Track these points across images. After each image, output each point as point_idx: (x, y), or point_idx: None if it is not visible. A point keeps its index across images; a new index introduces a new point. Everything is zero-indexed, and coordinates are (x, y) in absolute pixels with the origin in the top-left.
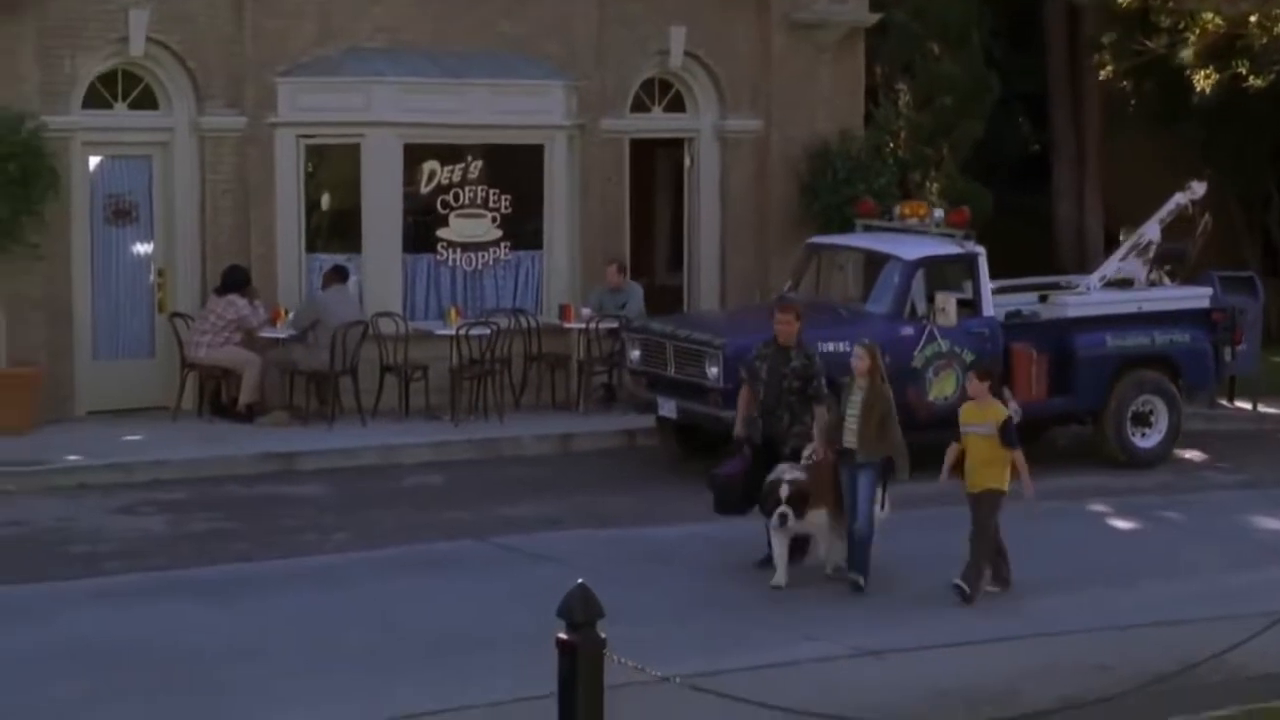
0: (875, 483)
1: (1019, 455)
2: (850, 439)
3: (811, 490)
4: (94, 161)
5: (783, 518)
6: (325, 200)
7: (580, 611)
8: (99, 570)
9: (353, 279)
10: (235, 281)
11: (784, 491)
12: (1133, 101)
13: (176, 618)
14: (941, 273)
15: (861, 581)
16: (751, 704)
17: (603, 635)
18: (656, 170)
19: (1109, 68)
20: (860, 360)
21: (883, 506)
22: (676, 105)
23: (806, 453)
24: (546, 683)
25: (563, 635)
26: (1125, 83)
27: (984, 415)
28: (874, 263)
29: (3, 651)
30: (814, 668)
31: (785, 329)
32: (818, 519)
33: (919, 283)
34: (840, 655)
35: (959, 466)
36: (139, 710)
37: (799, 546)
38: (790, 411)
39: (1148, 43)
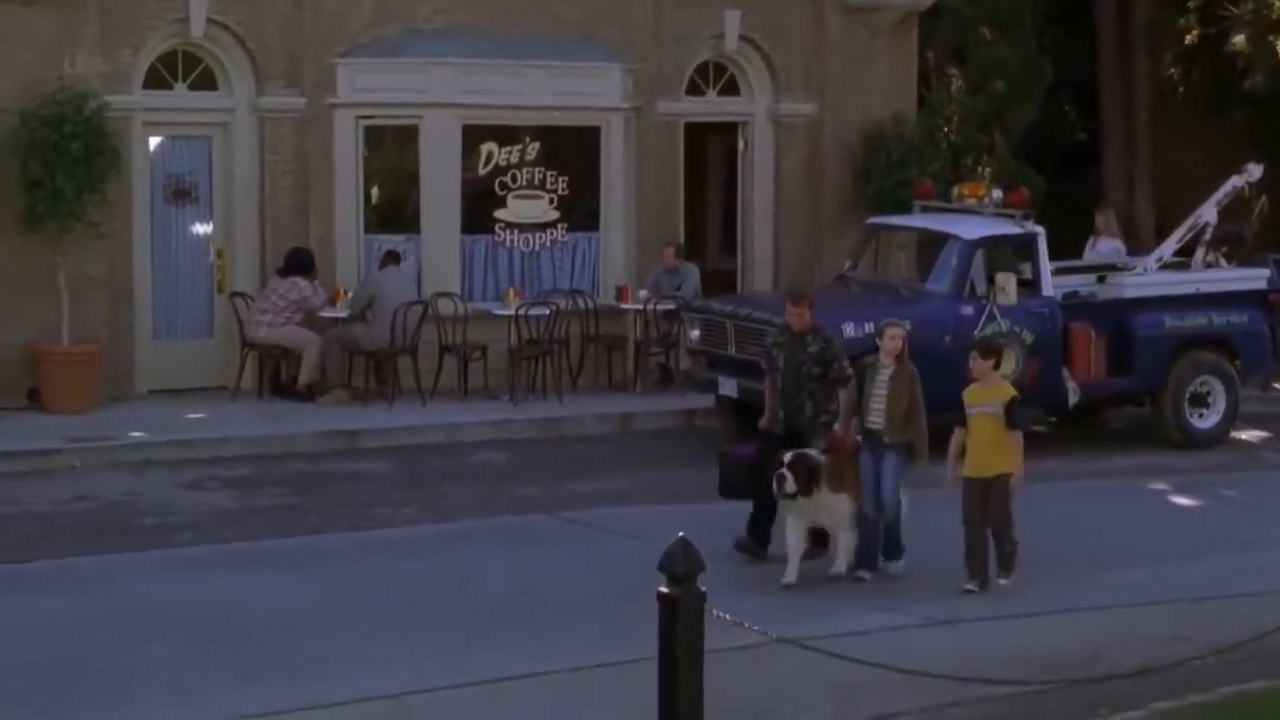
0: (901, 466)
1: (1018, 439)
2: (876, 420)
3: (823, 468)
4: (154, 142)
5: (780, 479)
6: (384, 181)
7: (681, 565)
8: (170, 542)
9: (407, 261)
10: (299, 264)
11: (787, 457)
12: (1180, 89)
13: (251, 587)
14: (1001, 252)
15: (899, 568)
16: (854, 661)
17: (703, 589)
18: (711, 154)
19: (1194, 32)
20: (894, 341)
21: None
22: (731, 89)
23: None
24: (624, 650)
25: (663, 589)
26: (1173, 70)
27: (989, 395)
28: (934, 243)
29: (83, 618)
30: (889, 635)
31: (797, 321)
32: (835, 505)
33: (979, 262)
34: (913, 625)
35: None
36: (222, 673)
37: (819, 540)
38: (813, 399)
39: (1233, 8)
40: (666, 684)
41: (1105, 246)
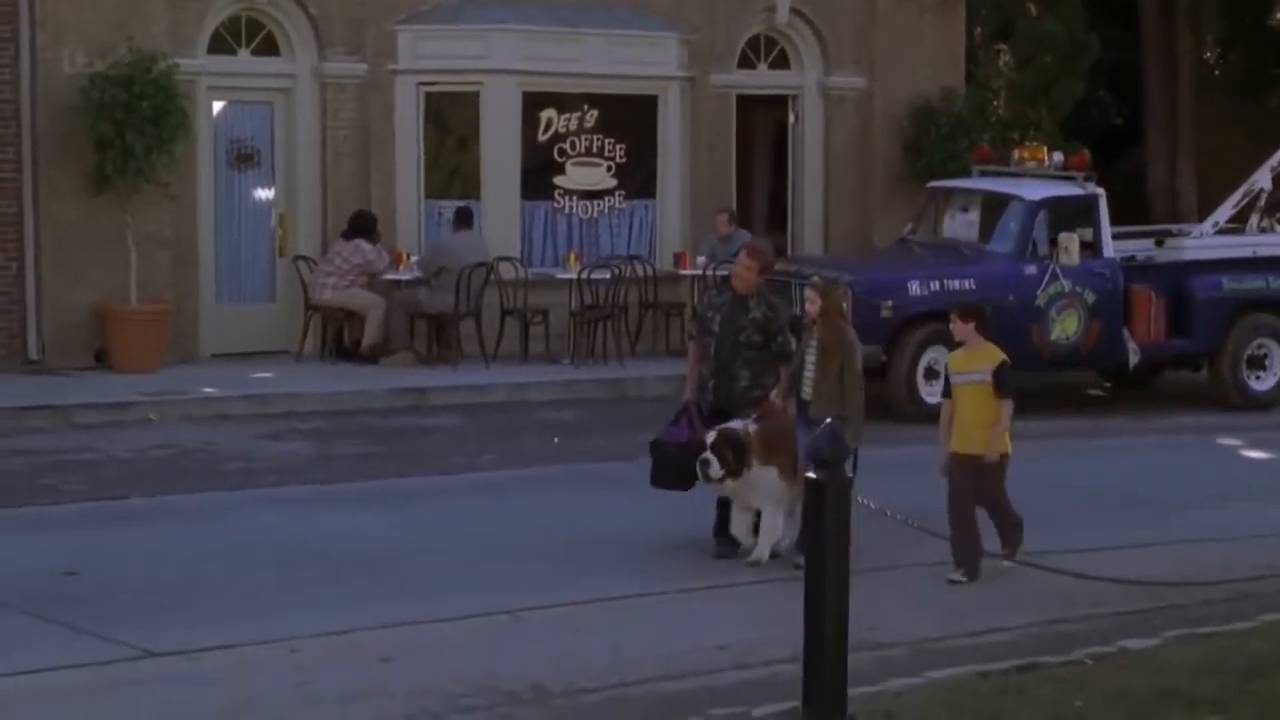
0: None
1: (1007, 406)
2: (806, 389)
3: (752, 443)
4: (217, 107)
5: (704, 465)
6: (445, 147)
7: (829, 451)
8: (258, 484)
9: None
10: (363, 227)
11: (711, 437)
12: (1216, 72)
13: (345, 522)
14: (1063, 214)
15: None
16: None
17: (850, 475)
18: (762, 127)
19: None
20: (810, 304)
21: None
22: (781, 63)
23: (774, 396)
24: (727, 577)
25: (811, 475)
26: (1209, 55)
27: (975, 361)
28: (996, 205)
29: (185, 546)
30: (988, 564)
31: (746, 276)
32: (762, 480)
33: (1041, 223)
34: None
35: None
36: (333, 592)
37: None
38: (750, 369)
39: None
40: (815, 568)
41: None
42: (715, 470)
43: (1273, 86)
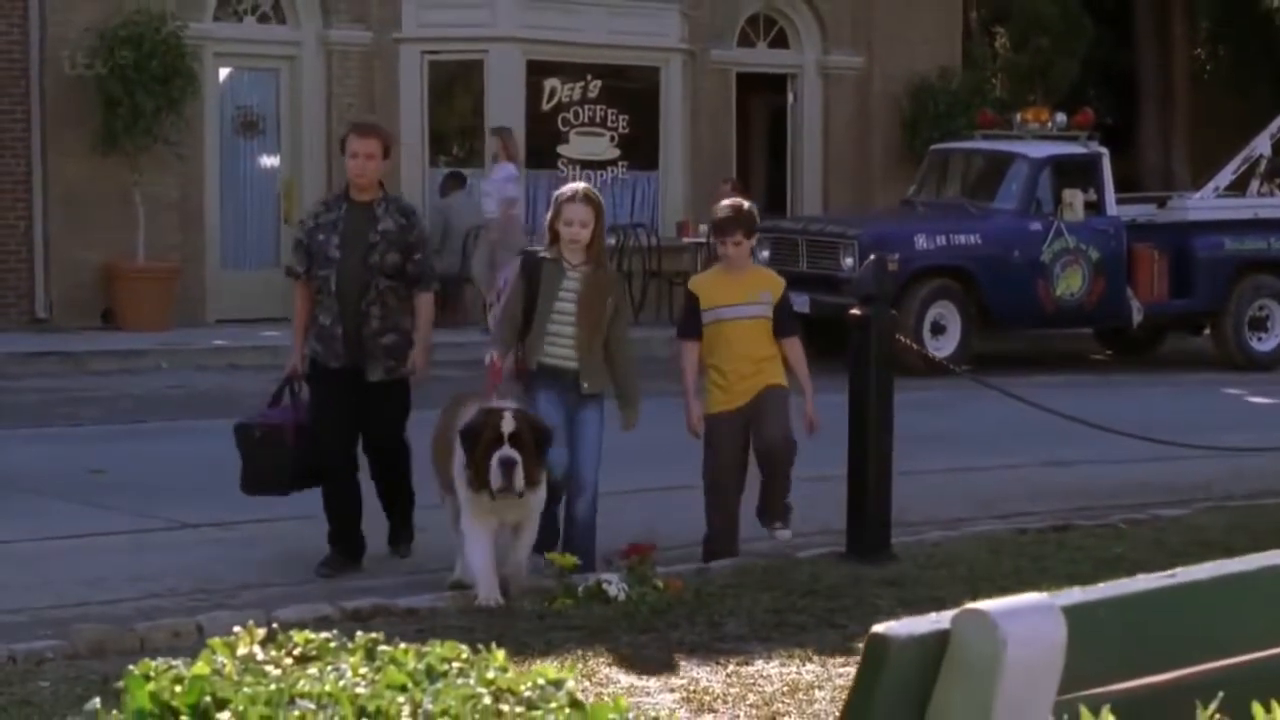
0: (602, 428)
1: (797, 349)
2: (564, 353)
3: (538, 434)
4: (224, 73)
5: (508, 468)
6: (449, 115)
7: (874, 286)
8: None
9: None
10: None
11: (507, 424)
12: (1208, 67)
13: None
14: (1066, 172)
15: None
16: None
17: (893, 312)
18: (760, 106)
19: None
20: (580, 228)
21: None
22: (780, 42)
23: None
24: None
25: (855, 311)
26: (1200, 50)
27: (751, 288)
28: (1000, 163)
29: (213, 454)
30: (1010, 471)
31: (365, 165)
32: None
33: (1045, 181)
34: (1030, 464)
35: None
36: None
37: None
38: (381, 305)
39: None
40: (858, 405)
41: (501, 173)
42: (519, 481)
43: (1261, 81)
